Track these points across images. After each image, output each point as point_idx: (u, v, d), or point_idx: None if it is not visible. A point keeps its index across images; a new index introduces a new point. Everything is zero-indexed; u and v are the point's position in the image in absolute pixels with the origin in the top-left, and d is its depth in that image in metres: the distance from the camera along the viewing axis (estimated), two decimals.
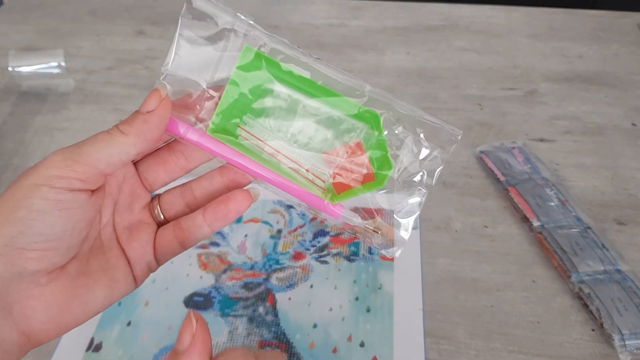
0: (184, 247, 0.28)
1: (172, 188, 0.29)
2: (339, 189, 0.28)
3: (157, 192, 0.29)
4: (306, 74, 0.27)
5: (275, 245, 0.52)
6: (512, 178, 0.57)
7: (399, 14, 0.91)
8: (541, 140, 0.64)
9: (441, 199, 0.57)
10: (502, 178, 0.57)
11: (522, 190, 0.55)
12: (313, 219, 0.54)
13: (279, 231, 0.53)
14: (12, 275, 0.22)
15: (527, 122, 0.67)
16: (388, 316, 0.46)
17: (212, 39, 0.26)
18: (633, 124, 0.67)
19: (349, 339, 0.44)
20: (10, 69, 0.72)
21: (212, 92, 0.27)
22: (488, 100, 0.71)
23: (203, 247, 0.52)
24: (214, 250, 0.52)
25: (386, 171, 0.28)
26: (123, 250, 0.27)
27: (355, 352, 0.43)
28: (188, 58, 0.26)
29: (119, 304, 0.47)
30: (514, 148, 0.61)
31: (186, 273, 0.50)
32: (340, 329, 0.45)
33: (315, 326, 0.45)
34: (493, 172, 0.58)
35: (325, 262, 0.50)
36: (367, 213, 0.29)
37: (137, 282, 0.28)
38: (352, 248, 0.51)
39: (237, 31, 0.27)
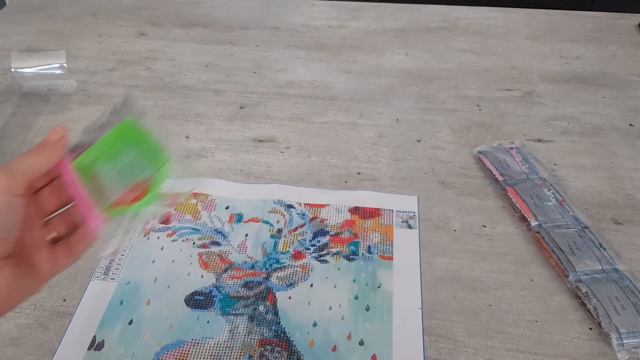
0: (73, 257, 0.35)
1: (60, 213, 0.35)
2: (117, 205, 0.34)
3: None
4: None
5: (275, 245, 0.52)
6: (510, 178, 0.58)
7: (398, 16, 0.92)
8: (539, 140, 0.65)
9: (440, 198, 0.57)
10: (500, 178, 0.58)
11: (520, 189, 0.56)
12: (313, 219, 0.55)
13: (279, 231, 0.54)
14: None
15: (525, 123, 0.68)
16: (387, 315, 0.46)
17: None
18: (630, 125, 0.67)
19: (349, 337, 0.45)
20: (12, 70, 0.73)
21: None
22: (486, 101, 0.71)
23: (204, 246, 0.52)
24: (214, 249, 0.52)
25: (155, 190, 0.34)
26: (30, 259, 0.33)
27: (354, 351, 0.44)
28: None
29: (121, 302, 0.47)
30: (512, 148, 0.62)
31: (187, 272, 0.50)
32: (339, 328, 0.45)
33: (315, 325, 0.46)
34: (491, 172, 0.59)
35: (325, 262, 0.51)
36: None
37: (39, 285, 0.34)
38: (352, 247, 0.52)
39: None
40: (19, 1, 0.97)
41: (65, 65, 0.75)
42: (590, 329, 0.45)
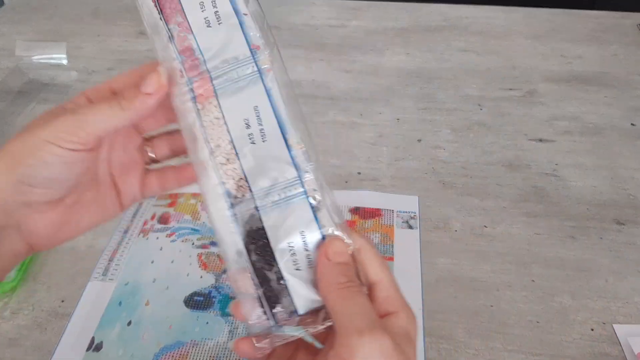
0: (163, 190, 0.34)
1: (162, 133, 0.34)
2: None
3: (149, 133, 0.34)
4: None
5: None
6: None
7: (399, 15, 0.91)
8: (540, 140, 0.65)
9: (440, 199, 0.57)
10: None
11: None
12: None
13: None
14: (21, 203, 0.28)
15: (526, 123, 0.67)
16: None
17: None
18: (632, 124, 0.67)
19: None
20: (17, 53, 0.77)
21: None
22: (487, 101, 0.71)
23: (203, 247, 0.52)
24: (214, 250, 0.52)
25: None
26: (115, 183, 0.32)
27: None
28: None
29: (120, 303, 0.47)
30: None
31: (186, 273, 0.50)
32: None
33: None
34: None
35: None
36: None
37: (122, 208, 0.33)
38: None
39: None
40: (18, 1, 0.96)
41: (65, 56, 0.78)
42: (592, 329, 0.45)
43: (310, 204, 0.27)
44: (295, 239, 0.27)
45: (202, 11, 0.28)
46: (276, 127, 0.28)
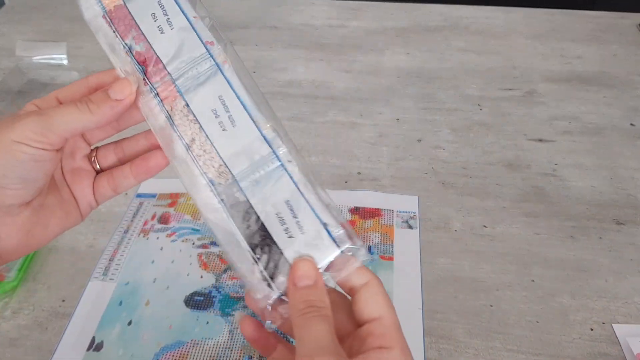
0: (115, 192, 0.34)
1: (107, 144, 0.34)
2: None
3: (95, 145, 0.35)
4: None
5: None
6: None
7: (399, 15, 0.91)
8: (540, 140, 0.65)
9: (440, 198, 0.57)
10: None
11: None
12: None
13: None
14: None
15: (526, 123, 0.67)
16: None
17: None
18: (632, 124, 0.67)
19: None
20: (17, 53, 0.77)
21: None
22: (487, 101, 0.71)
23: (203, 246, 0.52)
24: (214, 250, 0.52)
25: None
26: (70, 189, 0.33)
27: None
28: None
29: (120, 303, 0.47)
30: None
31: (187, 273, 0.50)
32: None
33: None
34: None
35: None
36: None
37: (82, 216, 0.34)
38: None
39: None
40: (18, 1, 0.96)
41: (65, 56, 0.78)
42: (592, 329, 0.45)
43: (289, 174, 0.29)
44: (282, 209, 0.28)
45: (155, 21, 0.30)
46: (243, 111, 0.29)
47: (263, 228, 0.28)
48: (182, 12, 0.30)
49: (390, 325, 0.27)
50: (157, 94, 0.30)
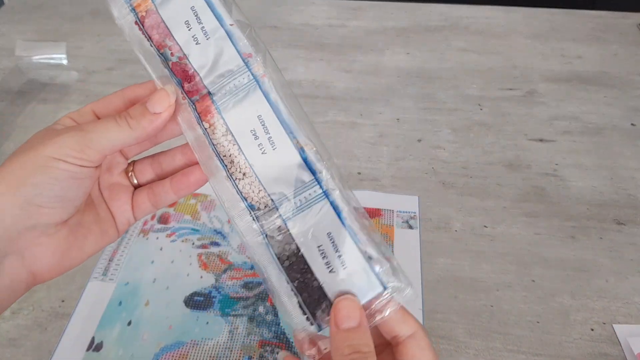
0: (156, 207, 0.33)
1: (144, 158, 0.33)
2: None
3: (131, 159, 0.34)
4: None
5: None
6: None
7: (399, 15, 0.91)
8: (540, 140, 0.65)
9: (441, 199, 0.57)
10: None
11: None
12: None
13: None
14: (27, 226, 0.26)
15: (526, 123, 0.67)
16: None
17: None
18: (632, 124, 0.67)
19: None
20: (17, 53, 0.77)
21: None
22: (487, 101, 0.71)
23: (203, 247, 0.52)
24: (214, 250, 0.52)
25: None
26: (108, 206, 0.32)
27: None
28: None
29: (119, 303, 0.47)
30: None
31: (186, 273, 0.50)
32: None
33: None
34: None
35: None
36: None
37: (119, 233, 0.32)
38: None
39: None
40: (18, 0, 0.96)
41: (65, 56, 0.78)
42: (592, 329, 0.45)
43: (332, 203, 0.27)
44: (324, 241, 0.27)
45: (189, 30, 0.28)
46: (283, 132, 0.28)
47: (303, 260, 0.27)
48: (217, 19, 0.29)
49: None
50: (195, 109, 0.28)
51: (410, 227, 0.54)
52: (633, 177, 0.59)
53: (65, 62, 0.80)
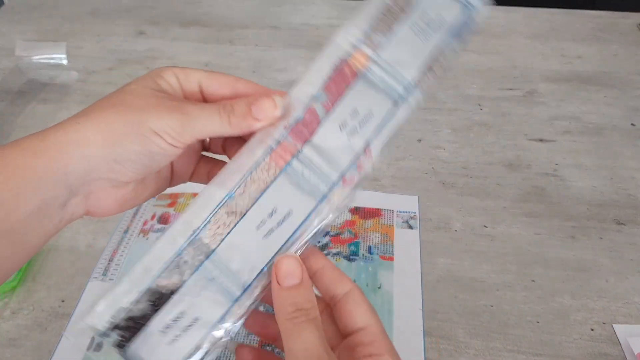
0: (209, 181, 0.33)
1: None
2: None
3: None
4: None
5: None
6: None
7: None
8: (540, 140, 0.65)
9: (441, 198, 0.57)
10: None
11: None
12: None
13: None
14: (103, 178, 0.28)
15: (526, 123, 0.67)
16: (388, 315, 0.46)
17: None
18: (632, 124, 0.67)
19: None
20: (17, 53, 0.77)
21: None
22: (487, 101, 0.71)
23: None
24: None
25: None
26: (172, 163, 0.33)
27: None
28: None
29: None
30: None
31: None
32: None
33: None
34: None
35: None
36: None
37: (170, 186, 0.34)
38: (352, 248, 0.52)
39: None
40: (17, 0, 0.96)
41: (65, 56, 0.78)
42: (592, 329, 0.45)
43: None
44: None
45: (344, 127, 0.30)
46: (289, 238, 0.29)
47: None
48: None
49: (377, 333, 0.27)
50: (279, 141, 0.29)
51: (410, 227, 0.54)
52: (633, 177, 0.59)
53: (65, 62, 0.80)
